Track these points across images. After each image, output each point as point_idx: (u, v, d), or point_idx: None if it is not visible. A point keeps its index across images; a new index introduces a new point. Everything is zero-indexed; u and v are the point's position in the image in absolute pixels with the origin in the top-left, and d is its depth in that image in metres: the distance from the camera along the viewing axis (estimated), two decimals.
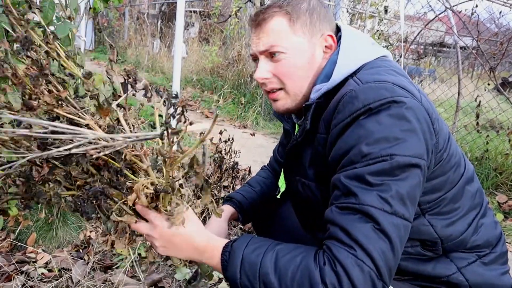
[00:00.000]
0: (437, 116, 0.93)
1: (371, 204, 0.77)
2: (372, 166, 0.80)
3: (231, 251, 0.84)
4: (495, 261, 1.03)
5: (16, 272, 1.73)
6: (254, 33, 1.04)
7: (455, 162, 0.98)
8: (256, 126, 5.20)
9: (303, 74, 1.02)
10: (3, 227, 1.91)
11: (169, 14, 10.36)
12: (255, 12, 1.04)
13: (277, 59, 1.00)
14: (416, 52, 8.18)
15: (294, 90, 1.03)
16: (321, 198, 1.00)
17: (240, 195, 1.39)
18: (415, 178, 0.82)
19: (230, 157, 2.38)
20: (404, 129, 0.82)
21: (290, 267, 0.78)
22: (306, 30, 1.01)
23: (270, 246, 0.84)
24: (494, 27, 5.63)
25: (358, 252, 0.74)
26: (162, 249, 0.87)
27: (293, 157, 1.10)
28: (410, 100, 0.85)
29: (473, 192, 1.03)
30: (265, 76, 1.03)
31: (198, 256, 0.88)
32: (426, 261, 1.00)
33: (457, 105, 3.78)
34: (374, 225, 0.76)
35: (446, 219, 0.97)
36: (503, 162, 3.40)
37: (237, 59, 6.21)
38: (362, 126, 0.83)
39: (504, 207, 3.06)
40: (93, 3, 1.90)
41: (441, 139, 0.92)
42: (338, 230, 0.79)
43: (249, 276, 0.81)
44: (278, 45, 0.99)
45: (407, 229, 0.80)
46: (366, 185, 0.79)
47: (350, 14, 6.49)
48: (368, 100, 0.84)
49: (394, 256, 0.77)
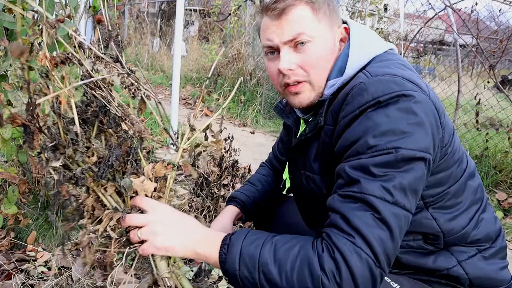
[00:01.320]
0: (443, 110, 0.93)
1: (373, 193, 0.78)
2: (377, 157, 0.80)
3: (229, 243, 0.84)
4: (494, 255, 1.03)
5: (16, 271, 1.74)
6: (274, 23, 0.98)
7: (459, 157, 0.99)
8: (256, 124, 5.20)
9: (326, 64, 1.00)
10: (3, 225, 1.91)
11: (169, 13, 10.36)
12: (270, 2, 0.99)
13: (302, 48, 0.97)
14: (416, 50, 8.18)
15: (318, 82, 1.00)
16: (325, 190, 1.00)
17: (243, 194, 1.39)
18: (419, 171, 0.82)
19: (230, 156, 2.38)
20: (411, 122, 0.82)
21: (290, 256, 0.79)
22: (328, 20, 0.99)
23: (268, 237, 0.84)
24: (493, 25, 5.62)
25: (357, 239, 0.75)
26: (161, 237, 0.84)
27: (299, 152, 1.10)
28: (419, 94, 0.85)
29: (475, 187, 1.03)
30: (291, 67, 0.98)
31: (201, 243, 0.86)
32: (427, 255, 1.00)
33: (457, 103, 3.78)
34: (374, 213, 0.77)
35: (449, 213, 0.98)
36: (502, 160, 3.40)
37: (236, 57, 6.21)
38: (370, 118, 0.84)
39: (503, 205, 3.06)
40: (93, 2, 1.90)
41: (447, 134, 0.93)
42: (338, 218, 0.79)
43: (249, 267, 0.81)
44: (306, 33, 0.96)
45: (407, 220, 0.81)
46: (370, 176, 0.80)
47: (350, 12, 6.49)
48: (378, 93, 0.84)
49: (393, 245, 0.77)
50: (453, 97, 4.05)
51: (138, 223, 0.85)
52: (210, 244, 0.86)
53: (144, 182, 0.86)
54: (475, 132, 3.81)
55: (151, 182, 0.86)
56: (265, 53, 1.05)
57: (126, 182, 0.82)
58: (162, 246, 0.85)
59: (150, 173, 0.86)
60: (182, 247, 0.86)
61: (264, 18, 1.01)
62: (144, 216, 0.85)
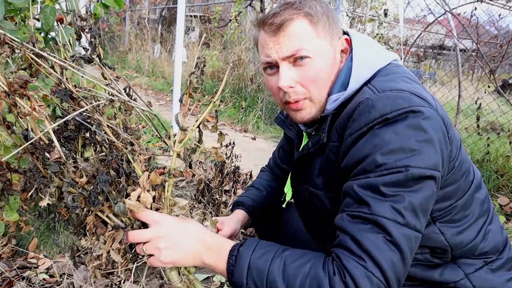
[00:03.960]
0: (450, 123, 0.92)
1: (384, 215, 0.76)
2: (386, 176, 0.79)
3: (237, 255, 0.83)
4: (501, 267, 1.02)
5: (18, 278, 1.73)
6: (271, 39, 0.96)
7: (466, 169, 0.97)
8: (257, 130, 5.20)
9: (327, 79, 0.97)
10: (5, 232, 1.91)
11: (170, 19, 10.40)
12: (267, 17, 0.97)
13: (301, 64, 0.95)
14: (416, 55, 8.19)
15: (319, 97, 0.98)
16: (330, 206, 0.98)
17: (250, 199, 1.37)
18: (429, 190, 0.81)
19: (231, 162, 2.38)
20: (420, 139, 0.81)
21: (299, 275, 0.77)
22: (327, 33, 0.97)
23: (278, 252, 0.83)
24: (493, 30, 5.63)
25: (368, 263, 0.74)
26: (166, 251, 0.84)
27: (302, 166, 1.08)
28: (427, 110, 0.83)
29: (482, 199, 1.02)
30: (290, 84, 0.95)
31: (207, 252, 0.86)
32: (434, 268, 0.99)
33: (458, 107, 3.77)
34: (385, 236, 0.76)
35: (457, 227, 0.96)
36: (504, 164, 3.39)
37: (237, 63, 6.22)
38: (378, 135, 0.82)
39: (505, 209, 3.05)
40: (94, 9, 1.91)
41: (454, 147, 0.92)
42: (348, 239, 0.78)
43: (256, 282, 0.80)
44: (304, 48, 0.94)
45: (417, 240, 0.80)
46: (380, 196, 0.78)
47: (350, 17, 6.51)
48: (386, 110, 0.82)
49: (404, 267, 0.77)
50: (454, 101, 4.05)
51: (141, 240, 0.84)
52: (217, 253, 0.85)
53: (141, 194, 0.83)
54: (476, 136, 3.80)
55: (148, 194, 0.84)
56: (264, 68, 1.03)
57: (120, 207, 0.80)
58: (169, 260, 0.84)
59: (145, 184, 0.83)
60: (188, 258, 0.86)
61: (261, 33, 0.99)
62: (146, 231, 0.84)
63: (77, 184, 0.79)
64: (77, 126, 0.79)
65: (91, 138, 0.80)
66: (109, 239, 0.84)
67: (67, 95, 0.77)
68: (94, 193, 0.78)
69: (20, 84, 0.72)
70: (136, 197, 0.83)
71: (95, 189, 0.78)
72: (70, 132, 0.80)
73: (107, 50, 11.64)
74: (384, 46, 6.02)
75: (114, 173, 0.80)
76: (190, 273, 0.92)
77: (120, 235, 0.83)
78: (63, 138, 0.80)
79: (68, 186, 0.77)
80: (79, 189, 0.79)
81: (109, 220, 0.84)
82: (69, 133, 0.80)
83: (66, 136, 0.80)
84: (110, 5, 1.90)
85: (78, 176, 0.79)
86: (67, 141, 0.81)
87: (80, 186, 0.79)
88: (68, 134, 0.80)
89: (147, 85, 7.73)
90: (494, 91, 4.48)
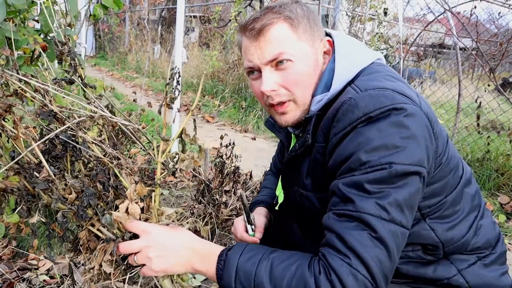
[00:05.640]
0: (436, 119, 0.92)
1: (368, 212, 0.77)
2: (370, 174, 0.79)
3: (225, 259, 0.84)
4: (495, 261, 1.02)
5: (18, 279, 1.73)
6: (252, 44, 0.97)
7: (454, 165, 0.97)
8: (257, 130, 5.20)
9: (309, 81, 0.98)
10: (5, 234, 1.91)
11: (169, 20, 10.40)
12: (247, 22, 0.97)
13: (283, 67, 0.95)
14: (416, 54, 8.19)
15: (303, 99, 0.98)
16: (319, 206, 0.99)
17: (268, 197, 1.39)
18: (414, 186, 0.81)
19: (231, 162, 2.38)
20: (404, 136, 0.81)
21: (286, 276, 0.78)
22: (308, 35, 0.98)
23: (265, 254, 0.83)
24: (493, 28, 5.63)
25: (353, 260, 0.74)
26: (157, 260, 0.85)
27: (291, 168, 1.09)
28: (410, 106, 0.84)
29: (472, 194, 1.02)
30: (273, 87, 0.96)
31: (196, 259, 0.87)
32: (427, 264, 0.99)
33: (458, 106, 3.78)
34: (370, 232, 0.76)
35: (447, 223, 0.97)
36: (504, 163, 3.39)
37: (237, 63, 6.23)
38: (362, 133, 0.82)
39: (506, 208, 3.05)
40: (93, 10, 1.91)
41: (440, 143, 0.92)
42: (334, 237, 0.79)
43: (244, 285, 0.80)
44: (286, 52, 0.94)
45: (404, 236, 0.80)
46: (364, 193, 0.79)
47: (350, 17, 6.51)
48: (369, 109, 0.83)
49: (391, 264, 0.77)
50: (454, 100, 4.05)
51: (131, 250, 0.86)
52: (206, 259, 0.87)
53: (129, 206, 0.85)
54: (476, 135, 3.81)
55: (136, 205, 0.85)
56: (247, 73, 1.04)
57: (106, 219, 0.82)
58: (160, 269, 0.86)
59: (133, 195, 0.85)
60: (179, 266, 0.87)
61: (244, 38, 1.00)
62: (136, 241, 0.86)
63: (67, 201, 0.81)
64: (63, 145, 0.82)
65: (77, 155, 0.83)
66: (100, 252, 0.85)
67: (51, 115, 0.80)
68: (82, 207, 0.81)
69: (4, 109, 0.75)
70: (124, 209, 0.84)
71: (81, 203, 0.80)
72: (58, 151, 0.83)
73: (107, 51, 11.66)
74: (384, 45, 6.02)
75: (101, 187, 0.83)
76: (184, 280, 0.92)
77: (111, 247, 0.85)
78: (51, 158, 0.83)
79: (57, 203, 0.79)
80: (69, 205, 0.82)
81: (100, 233, 0.86)
82: (57, 152, 0.83)
83: (54, 156, 0.83)
84: (110, 6, 1.90)
85: (67, 192, 0.82)
86: (56, 160, 0.84)
87: (70, 203, 0.82)
88: (55, 154, 0.83)
89: (147, 86, 7.73)
90: (494, 90, 4.48)
